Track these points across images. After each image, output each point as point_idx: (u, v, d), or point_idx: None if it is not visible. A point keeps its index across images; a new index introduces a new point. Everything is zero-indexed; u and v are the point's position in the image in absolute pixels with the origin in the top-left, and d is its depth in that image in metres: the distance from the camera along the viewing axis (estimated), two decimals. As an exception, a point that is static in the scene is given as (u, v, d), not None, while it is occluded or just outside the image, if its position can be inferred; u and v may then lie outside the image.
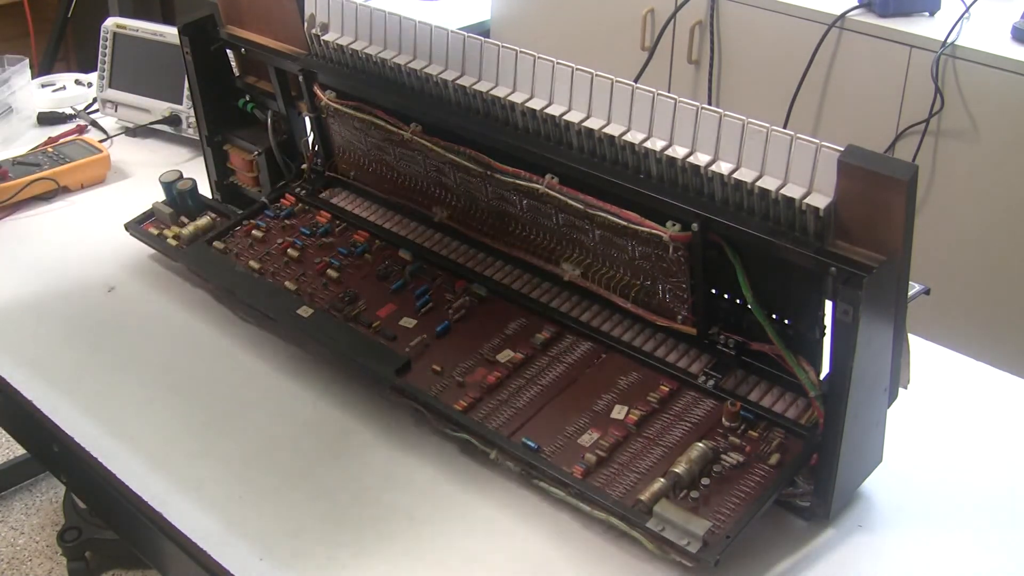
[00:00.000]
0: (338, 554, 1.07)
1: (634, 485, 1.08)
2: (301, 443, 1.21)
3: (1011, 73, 2.08)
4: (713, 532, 1.01)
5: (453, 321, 1.30)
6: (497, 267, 1.37)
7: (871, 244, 1.00)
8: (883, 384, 1.07)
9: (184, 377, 1.32)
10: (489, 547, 1.08)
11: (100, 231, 1.62)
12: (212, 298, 1.46)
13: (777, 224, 1.05)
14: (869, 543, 1.08)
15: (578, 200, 1.18)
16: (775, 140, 1.03)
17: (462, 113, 1.28)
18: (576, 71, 1.17)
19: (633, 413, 1.15)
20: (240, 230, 1.49)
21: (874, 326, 0.99)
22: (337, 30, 1.38)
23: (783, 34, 2.38)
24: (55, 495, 2.38)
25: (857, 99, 2.32)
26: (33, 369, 1.33)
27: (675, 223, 1.11)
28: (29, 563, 2.22)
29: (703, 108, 1.07)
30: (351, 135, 1.45)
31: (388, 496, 1.14)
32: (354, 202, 1.52)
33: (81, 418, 1.25)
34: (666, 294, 1.19)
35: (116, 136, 1.92)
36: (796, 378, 1.11)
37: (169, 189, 1.55)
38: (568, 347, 1.25)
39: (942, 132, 2.20)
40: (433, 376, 1.23)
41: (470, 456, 1.18)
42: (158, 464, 1.19)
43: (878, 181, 0.96)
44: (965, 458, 1.19)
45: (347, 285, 1.37)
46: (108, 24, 1.94)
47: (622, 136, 1.13)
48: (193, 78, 1.55)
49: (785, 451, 1.09)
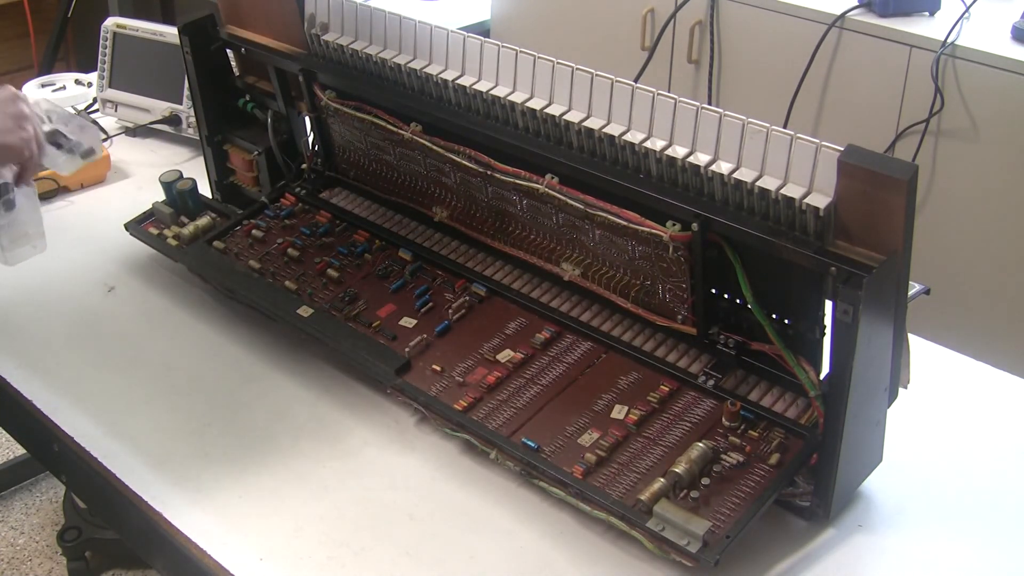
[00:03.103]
0: (338, 554, 1.07)
1: (634, 485, 1.08)
2: (301, 443, 1.21)
3: (1011, 73, 2.07)
4: (713, 532, 1.01)
5: (453, 321, 1.30)
6: (497, 267, 1.37)
7: (871, 244, 1.00)
8: (883, 384, 1.07)
9: (184, 377, 1.32)
10: (489, 547, 1.08)
11: (100, 231, 1.61)
12: (212, 298, 1.46)
13: (777, 224, 1.05)
14: (869, 543, 1.08)
15: (578, 200, 1.18)
16: (775, 140, 1.03)
17: (462, 113, 1.28)
18: (576, 71, 1.17)
19: (633, 413, 1.15)
20: (240, 230, 1.49)
21: (874, 326, 0.99)
22: (337, 30, 1.38)
23: (783, 34, 2.38)
24: (55, 495, 2.38)
25: (857, 99, 2.32)
26: (33, 369, 1.33)
27: (675, 223, 1.11)
28: (29, 563, 2.22)
29: (703, 108, 1.07)
30: (351, 135, 1.45)
31: (388, 496, 1.14)
32: (354, 202, 1.52)
33: (81, 418, 1.25)
34: (666, 294, 1.19)
35: (116, 136, 1.92)
36: (796, 378, 1.11)
37: (169, 189, 1.55)
38: (568, 347, 1.25)
39: (942, 132, 2.20)
40: (433, 376, 1.23)
41: (470, 456, 1.18)
42: (158, 464, 1.19)
43: (878, 181, 0.96)
44: (965, 458, 1.19)
45: (347, 285, 1.37)
46: (108, 24, 1.94)
47: (622, 136, 1.13)
48: (193, 78, 1.54)
49: (785, 451, 1.09)
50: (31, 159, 1.22)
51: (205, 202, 1.57)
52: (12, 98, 1.21)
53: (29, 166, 1.22)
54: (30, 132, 1.21)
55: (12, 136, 1.18)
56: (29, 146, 1.20)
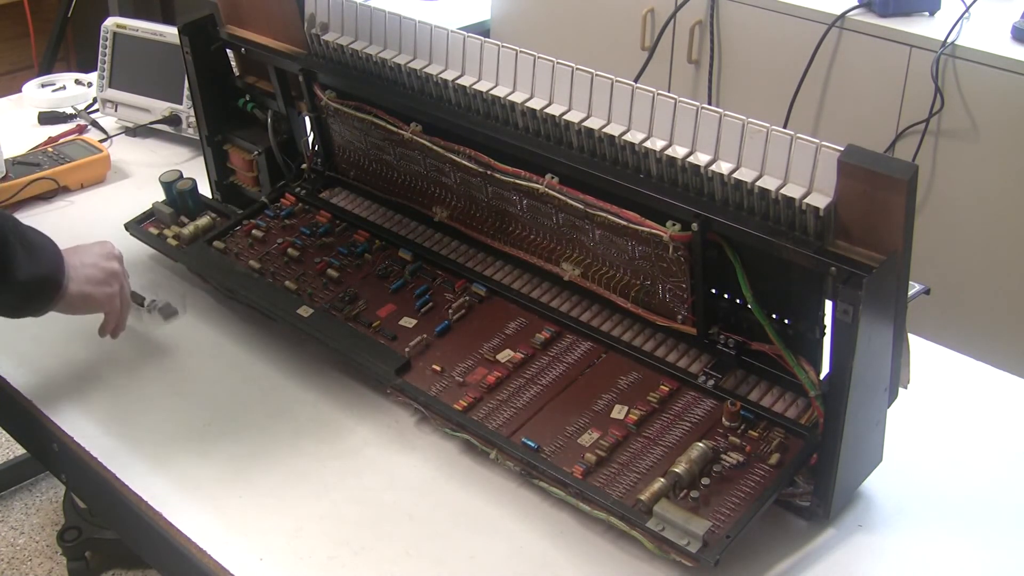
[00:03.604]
0: (338, 554, 1.07)
1: (634, 485, 1.07)
2: (301, 443, 1.21)
3: (1011, 73, 2.07)
4: (713, 532, 1.01)
5: (453, 321, 1.30)
6: (497, 267, 1.37)
7: (871, 244, 1.00)
8: (883, 384, 1.07)
9: (184, 377, 1.32)
10: (489, 547, 1.08)
11: (100, 231, 1.61)
12: (212, 298, 1.46)
13: (777, 224, 1.05)
14: (869, 543, 1.08)
15: (578, 200, 1.18)
16: (775, 140, 1.03)
17: (462, 113, 1.28)
18: (576, 71, 1.17)
19: (633, 413, 1.15)
20: (240, 230, 1.49)
21: (874, 326, 0.99)
22: (337, 30, 1.38)
23: (783, 34, 2.38)
24: (55, 495, 2.38)
25: (857, 99, 2.32)
26: (33, 369, 1.33)
27: (675, 223, 1.11)
28: (29, 563, 2.22)
29: (703, 108, 1.07)
30: (351, 135, 1.45)
31: (388, 496, 1.14)
32: (354, 202, 1.52)
33: (81, 418, 1.25)
34: (666, 294, 1.19)
35: (116, 136, 1.92)
36: (796, 378, 1.11)
37: (169, 189, 1.55)
38: (568, 347, 1.25)
39: (942, 132, 2.20)
40: (433, 376, 1.23)
41: (470, 456, 1.18)
42: (158, 464, 1.19)
43: (878, 181, 0.96)
44: (965, 458, 1.19)
45: (347, 285, 1.37)
46: (108, 24, 1.94)
47: (622, 136, 1.13)
48: (193, 78, 1.54)
49: (785, 451, 1.09)
50: (112, 314, 1.30)
51: (205, 202, 1.57)
52: (109, 255, 1.30)
53: (111, 320, 1.30)
54: (115, 289, 1.29)
55: (100, 289, 1.26)
56: (112, 302, 1.28)
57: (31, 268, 1.17)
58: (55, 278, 1.20)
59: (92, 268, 1.26)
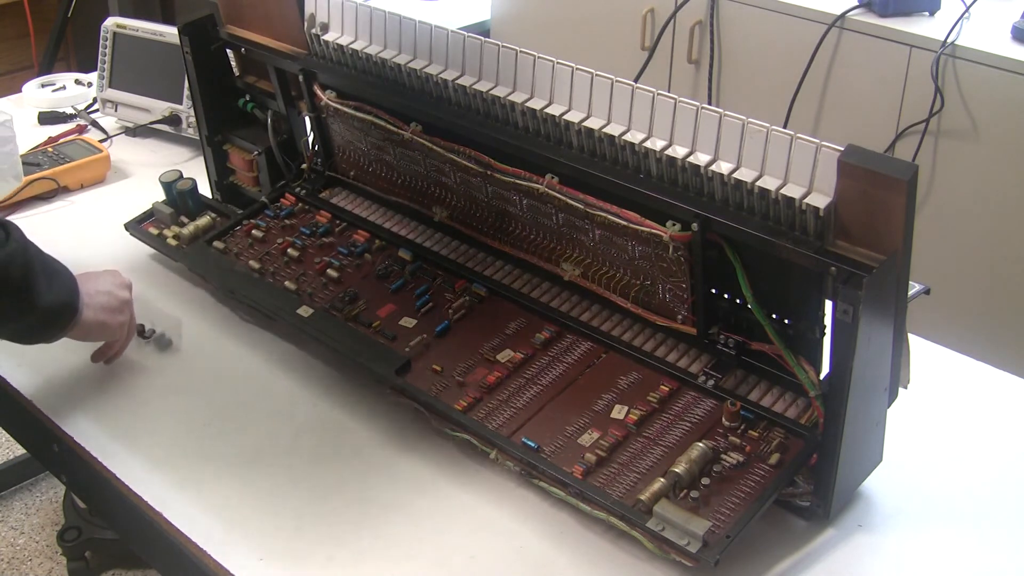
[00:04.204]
0: (338, 554, 1.07)
1: (634, 485, 1.07)
2: (301, 443, 1.21)
3: (1011, 73, 2.07)
4: (713, 532, 1.01)
5: (453, 321, 1.30)
6: (497, 267, 1.37)
7: (871, 244, 1.00)
8: (883, 384, 1.07)
9: (184, 377, 1.32)
10: (489, 547, 1.08)
11: (100, 231, 1.62)
12: (212, 298, 1.46)
13: (777, 224, 1.05)
14: (869, 543, 1.08)
15: (578, 200, 1.18)
16: (775, 140, 1.03)
17: (462, 113, 1.28)
18: (576, 71, 1.17)
19: (633, 413, 1.15)
20: (240, 230, 1.49)
21: (874, 326, 0.99)
22: (337, 30, 1.38)
23: (783, 34, 2.38)
24: (55, 495, 2.38)
25: (857, 99, 2.32)
26: (33, 369, 1.33)
27: (675, 223, 1.11)
28: (29, 563, 2.22)
29: (703, 108, 1.07)
30: (351, 135, 1.45)
31: (388, 496, 1.14)
32: (354, 202, 1.52)
33: (81, 418, 1.25)
34: (666, 294, 1.19)
35: (116, 136, 1.92)
36: (796, 378, 1.11)
37: (169, 189, 1.55)
38: (568, 347, 1.25)
39: (942, 132, 2.20)
40: (433, 376, 1.23)
41: (470, 456, 1.18)
42: (158, 464, 1.19)
43: (878, 181, 0.96)
44: (965, 458, 1.19)
45: (347, 285, 1.37)
46: (108, 24, 1.94)
47: (622, 136, 1.13)
48: (193, 78, 1.55)
49: (785, 451, 1.09)
50: (118, 343, 1.31)
51: (205, 202, 1.57)
52: (122, 284, 1.30)
53: (115, 347, 1.31)
54: (127, 317, 1.30)
55: (114, 317, 1.27)
56: (123, 330, 1.30)
57: (51, 294, 1.17)
58: (72, 304, 1.20)
59: (107, 296, 1.26)
